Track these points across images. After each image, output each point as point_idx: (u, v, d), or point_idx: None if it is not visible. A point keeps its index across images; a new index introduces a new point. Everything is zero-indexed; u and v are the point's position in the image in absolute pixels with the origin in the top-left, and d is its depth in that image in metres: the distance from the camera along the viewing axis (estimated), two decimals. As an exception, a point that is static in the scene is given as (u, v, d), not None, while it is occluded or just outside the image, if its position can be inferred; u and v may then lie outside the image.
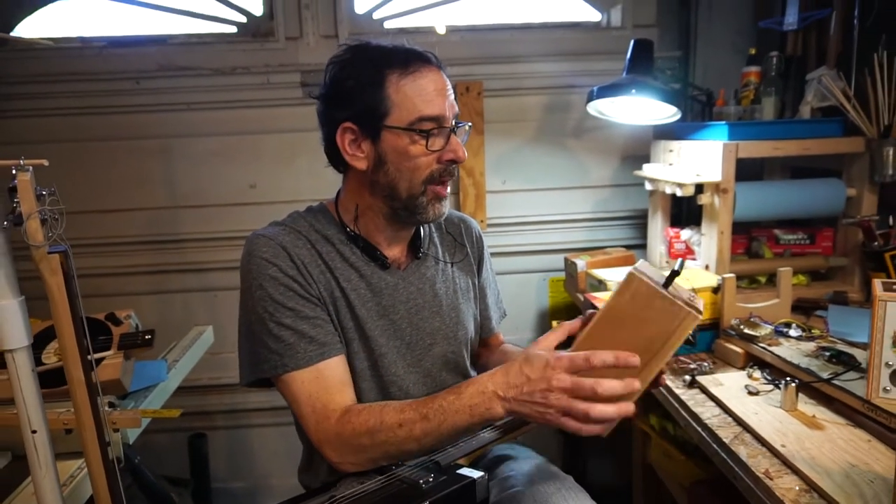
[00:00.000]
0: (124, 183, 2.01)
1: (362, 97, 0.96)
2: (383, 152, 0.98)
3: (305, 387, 0.96)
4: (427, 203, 1.01)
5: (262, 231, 1.04)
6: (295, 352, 0.96)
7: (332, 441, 0.94)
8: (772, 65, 1.72)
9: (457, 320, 1.13)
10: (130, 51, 1.95)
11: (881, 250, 1.47)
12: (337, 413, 0.94)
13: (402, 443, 0.90)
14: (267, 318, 0.97)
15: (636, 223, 2.15)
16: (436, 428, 0.89)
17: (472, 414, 0.87)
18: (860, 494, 0.83)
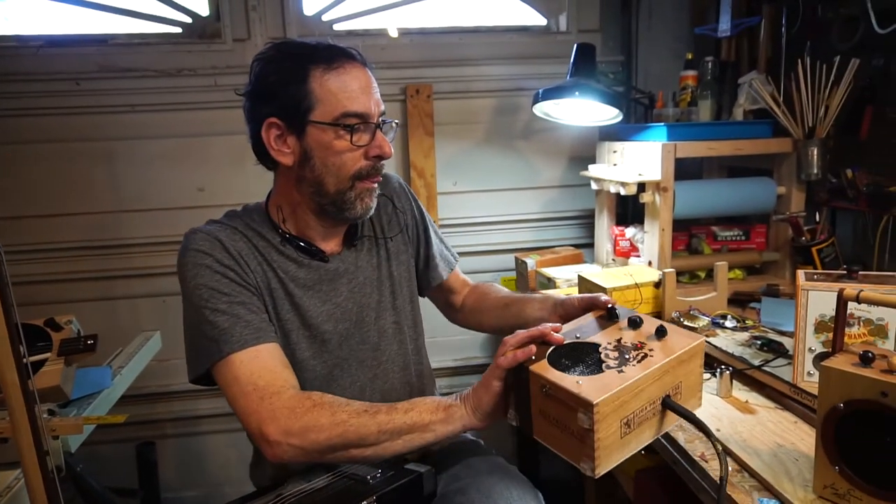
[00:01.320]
0: (65, 187, 1.95)
1: (286, 92, 0.97)
2: (309, 147, 0.99)
3: (245, 366, 0.93)
4: (355, 198, 1.03)
5: (197, 227, 1.05)
6: (231, 335, 0.94)
7: (280, 418, 0.89)
8: (707, 69, 1.80)
9: (392, 289, 1.16)
10: (69, 51, 1.89)
11: (808, 245, 1.55)
12: (289, 389, 0.92)
13: (362, 426, 0.88)
14: (202, 307, 0.96)
15: (583, 223, 2.20)
16: (401, 416, 0.89)
17: (438, 406, 0.90)
18: (786, 472, 0.88)
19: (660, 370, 0.83)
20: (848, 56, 1.48)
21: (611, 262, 1.90)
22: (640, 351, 0.86)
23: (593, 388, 0.77)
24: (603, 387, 0.77)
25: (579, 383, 0.79)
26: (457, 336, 2.21)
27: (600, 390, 0.76)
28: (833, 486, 0.79)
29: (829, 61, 1.50)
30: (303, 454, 0.89)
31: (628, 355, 0.85)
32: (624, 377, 0.80)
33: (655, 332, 0.89)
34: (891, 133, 1.44)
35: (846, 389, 0.76)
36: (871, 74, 1.47)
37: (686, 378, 0.88)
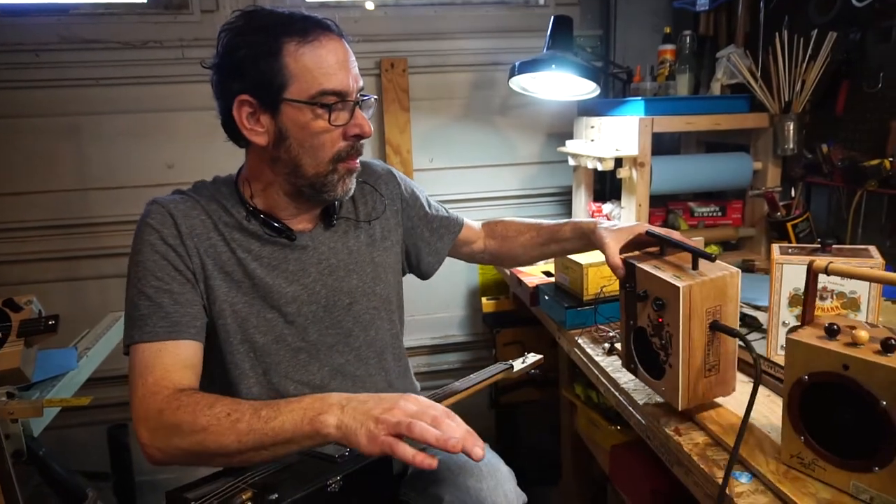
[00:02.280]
0: (27, 164, 1.88)
1: (258, 68, 0.91)
2: (284, 127, 0.93)
3: (143, 358, 0.89)
4: (337, 181, 0.98)
5: (158, 197, 1.00)
6: (144, 324, 0.90)
7: (150, 419, 0.83)
8: (685, 43, 1.78)
9: (374, 275, 1.11)
10: (28, 20, 1.81)
11: (784, 220, 1.56)
12: (168, 390, 0.86)
13: (222, 434, 0.80)
14: (133, 285, 0.93)
15: (562, 199, 2.19)
16: (262, 425, 0.79)
17: (304, 417, 0.78)
18: (758, 444, 0.89)
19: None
20: (825, 29, 1.47)
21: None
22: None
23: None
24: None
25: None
26: (435, 314, 2.20)
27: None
28: (799, 455, 0.80)
29: (807, 35, 1.49)
30: (168, 459, 0.84)
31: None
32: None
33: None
34: (866, 108, 1.45)
35: (810, 361, 0.76)
36: (848, 48, 1.46)
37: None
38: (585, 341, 1.37)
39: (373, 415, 0.76)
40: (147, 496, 2.12)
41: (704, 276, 0.90)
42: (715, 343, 0.93)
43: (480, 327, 2.23)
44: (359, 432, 0.75)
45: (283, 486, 0.82)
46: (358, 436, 0.75)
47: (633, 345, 1.02)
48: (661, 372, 0.96)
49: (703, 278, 0.89)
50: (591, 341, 1.36)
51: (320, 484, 0.83)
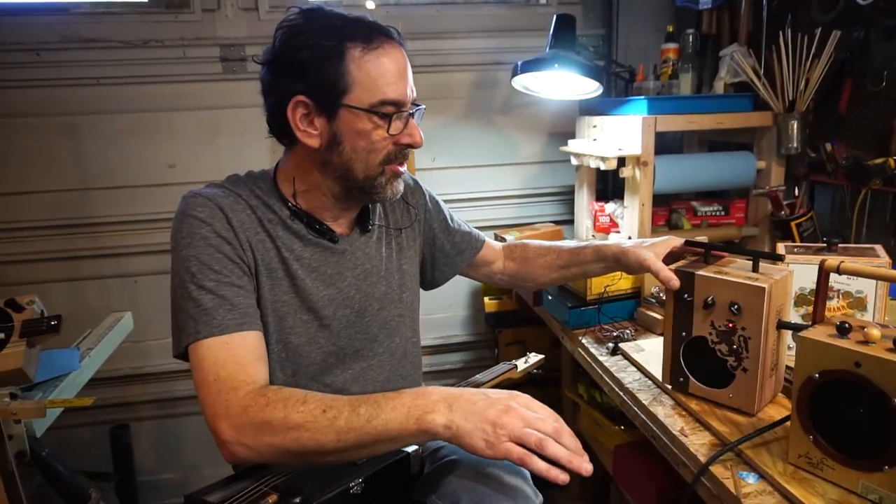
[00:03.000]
0: (26, 163, 1.87)
1: (320, 70, 0.90)
2: (339, 131, 0.93)
3: (212, 353, 0.86)
4: (385, 183, 0.98)
5: (199, 190, 0.96)
6: (211, 318, 0.87)
7: (232, 415, 0.81)
8: (688, 42, 1.77)
9: (401, 283, 1.12)
10: (29, 20, 1.80)
11: (787, 219, 1.55)
12: (248, 385, 0.84)
13: (319, 431, 0.79)
14: (188, 281, 0.89)
15: (564, 199, 2.18)
16: (364, 424, 0.79)
17: (409, 416, 0.78)
18: (764, 443, 0.88)
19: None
20: (829, 28, 1.46)
21: (591, 238, 1.89)
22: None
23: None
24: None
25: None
26: (437, 314, 2.19)
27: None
28: (807, 454, 0.79)
29: (811, 33, 1.48)
30: (257, 456, 0.82)
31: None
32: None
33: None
34: (870, 106, 1.44)
35: (821, 360, 0.76)
36: (852, 47, 1.46)
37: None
38: (589, 341, 1.37)
39: (488, 417, 0.76)
40: (149, 496, 2.12)
41: (773, 277, 0.91)
42: (777, 343, 0.95)
43: (483, 327, 2.23)
44: (474, 435, 0.76)
45: (305, 489, 0.81)
46: (473, 439, 0.76)
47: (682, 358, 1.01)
48: (728, 379, 0.96)
49: (774, 278, 0.91)
50: (595, 341, 1.36)
51: (344, 487, 0.83)
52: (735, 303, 0.91)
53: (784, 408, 0.97)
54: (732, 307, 0.92)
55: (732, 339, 0.93)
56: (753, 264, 0.94)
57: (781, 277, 0.92)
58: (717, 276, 0.94)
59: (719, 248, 1.03)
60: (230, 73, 1.93)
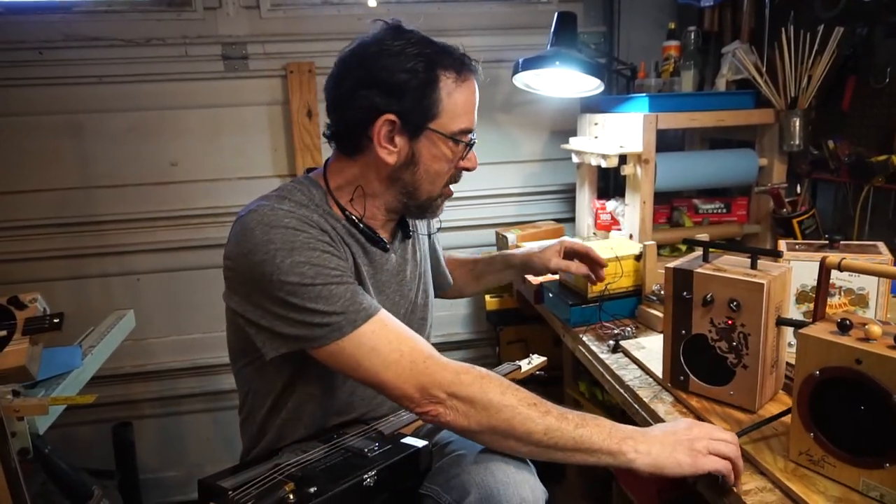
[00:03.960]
0: (30, 161, 1.87)
1: (415, 94, 0.94)
2: (418, 152, 0.98)
3: (381, 335, 0.88)
4: (440, 203, 1.07)
5: (266, 204, 0.94)
6: (359, 304, 0.89)
7: (444, 381, 0.85)
8: (690, 39, 1.77)
9: (424, 287, 1.18)
10: (31, 18, 1.81)
11: (789, 216, 1.55)
12: (438, 354, 0.89)
13: (531, 419, 0.84)
14: (310, 284, 0.88)
15: (565, 197, 2.18)
16: (571, 429, 0.83)
17: (611, 435, 0.84)
18: (764, 440, 0.88)
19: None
20: (832, 24, 1.46)
21: (592, 236, 1.89)
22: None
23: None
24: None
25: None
26: (439, 312, 2.18)
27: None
28: (808, 452, 0.79)
29: (813, 30, 1.48)
30: (465, 421, 0.86)
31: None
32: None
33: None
34: (873, 103, 1.44)
35: (823, 357, 0.76)
36: (855, 43, 1.45)
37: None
38: (590, 339, 1.36)
39: (681, 440, 0.84)
40: (151, 494, 2.13)
41: (772, 273, 0.91)
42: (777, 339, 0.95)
43: (484, 325, 2.23)
44: (676, 456, 0.82)
45: (319, 479, 0.82)
46: (677, 458, 0.82)
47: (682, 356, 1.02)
48: (729, 376, 0.96)
49: (772, 275, 0.91)
50: (596, 338, 1.36)
51: (357, 478, 0.83)
52: (734, 299, 0.91)
53: (785, 405, 0.96)
54: (731, 304, 0.92)
55: (732, 336, 0.93)
56: (752, 261, 0.94)
57: (780, 274, 0.92)
58: (715, 272, 0.94)
59: (718, 246, 1.03)
60: (232, 71, 1.93)
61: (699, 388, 1.00)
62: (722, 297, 0.93)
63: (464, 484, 0.89)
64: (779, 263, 0.97)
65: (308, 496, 0.79)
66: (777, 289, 0.92)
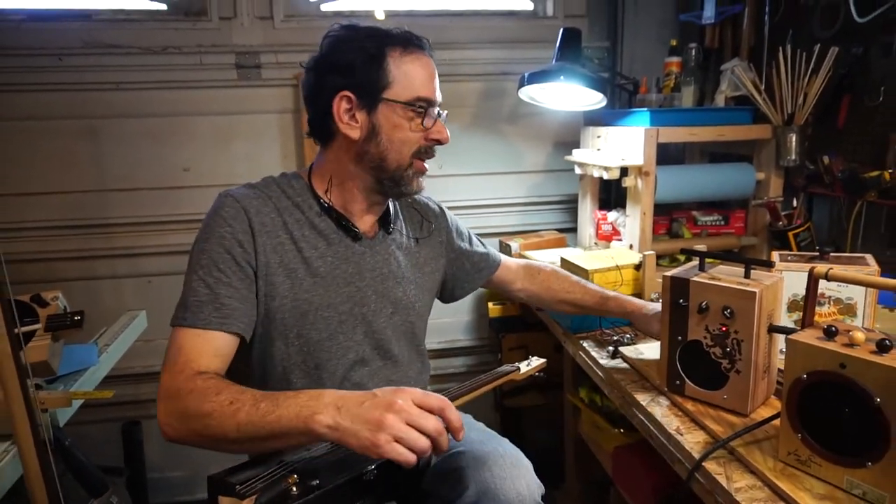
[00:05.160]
0: (47, 165, 1.93)
1: (364, 68, 1.02)
2: (378, 123, 1.04)
3: (184, 341, 0.94)
4: (412, 176, 1.08)
5: (233, 190, 1.06)
6: (199, 310, 0.95)
7: (170, 398, 0.89)
8: (691, 56, 1.82)
9: (415, 292, 1.18)
10: (52, 25, 1.87)
11: (785, 229, 1.59)
12: (192, 371, 0.91)
13: (224, 421, 0.83)
14: (196, 270, 0.99)
15: (567, 207, 2.23)
16: (260, 418, 0.82)
17: (299, 415, 0.80)
18: (755, 441, 0.92)
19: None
20: (828, 44, 1.51)
21: (593, 246, 1.93)
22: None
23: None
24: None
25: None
26: (441, 319, 2.23)
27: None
28: (796, 452, 0.83)
29: (810, 49, 1.53)
30: (182, 438, 0.88)
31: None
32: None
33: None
34: (867, 121, 1.48)
35: (810, 361, 0.80)
36: (850, 63, 1.50)
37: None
38: (590, 345, 1.41)
39: (373, 418, 0.77)
40: (157, 493, 2.16)
41: (764, 283, 0.96)
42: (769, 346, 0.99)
43: (486, 332, 2.27)
44: (359, 436, 0.77)
45: (321, 473, 0.86)
46: (359, 439, 0.77)
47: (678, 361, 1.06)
48: (723, 381, 1.00)
49: (765, 284, 0.95)
50: (596, 345, 1.40)
51: (358, 472, 0.87)
52: (728, 307, 0.96)
53: (776, 409, 1.00)
54: (725, 311, 0.96)
55: (726, 342, 0.97)
56: (745, 271, 0.99)
57: (772, 283, 0.96)
58: (710, 281, 0.99)
59: (715, 257, 1.07)
60: (245, 79, 1.98)
61: (694, 392, 1.05)
62: (716, 305, 0.98)
63: (463, 479, 0.94)
64: (771, 273, 1.01)
65: (310, 488, 0.83)
66: (769, 297, 0.96)
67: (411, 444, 0.77)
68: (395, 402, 0.78)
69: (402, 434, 0.76)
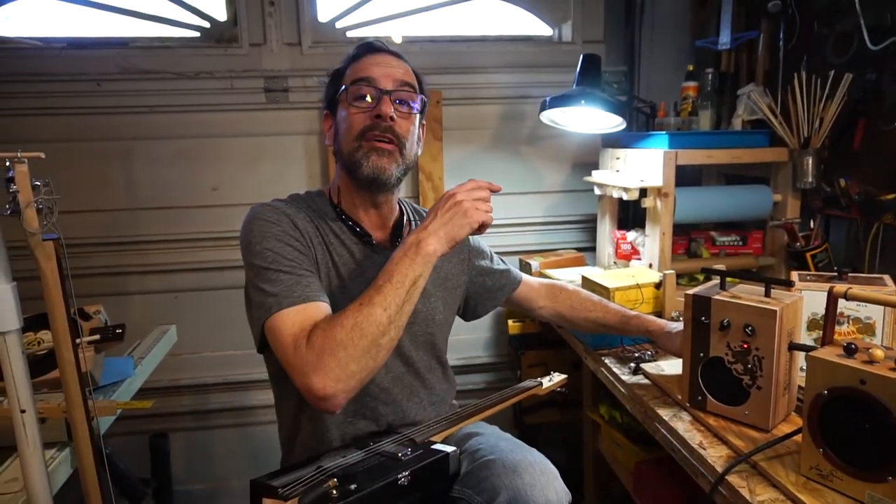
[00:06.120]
0: (84, 184, 2.00)
1: (332, 83, 1.18)
2: (337, 122, 1.15)
3: (290, 318, 0.97)
4: (363, 156, 1.10)
5: (263, 203, 1.13)
6: (292, 291, 0.99)
7: (312, 363, 0.91)
8: (707, 80, 1.87)
9: (435, 305, 1.22)
10: (91, 53, 1.95)
11: (803, 250, 1.62)
12: (311, 329, 0.95)
13: (371, 315, 0.93)
14: (266, 268, 1.02)
15: (586, 227, 2.27)
16: (391, 286, 0.96)
17: (412, 257, 0.98)
18: (778, 456, 0.95)
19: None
20: (842, 70, 1.55)
21: (612, 265, 1.97)
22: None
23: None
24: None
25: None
26: (461, 335, 2.26)
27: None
28: (818, 467, 0.86)
29: (824, 75, 1.57)
30: (350, 381, 0.92)
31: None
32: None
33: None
34: (882, 144, 1.51)
35: (830, 377, 0.83)
36: (865, 88, 1.54)
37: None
38: (612, 361, 1.44)
39: (453, 211, 1.01)
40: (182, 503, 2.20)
41: (784, 301, 0.99)
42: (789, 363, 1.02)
43: (505, 349, 2.30)
44: (453, 223, 1.00)
45: (358, 478, 0.90)
46: (455, 222, 1.01)
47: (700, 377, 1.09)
48: (744, 397, 1.03)
49: (785, 302, 0.98)
50: (617, 361, 1.43)
51: (393, 477, 0.91)
52: (749, 325, 0.99)
53: (797, 425, 1.03)
54: (747, 329, 0.99)
55: (747, 359, 1.00)
56: (766, 289, 1.02)
57: (792, 302, 0.99)
58: (732, 300, 1.02)
59: (734, 275, 1.11)
60: (273, 102, 2.06)
61: (716, 408, 1.07)
62: (738, 323, 1.01)
63: (494, 486, 0.97)
64: (791, 292, 1.04)
65: (349, 492, 0.87)
66: (789, 316, 0.99)
67: (482, 206, 1.04)
68: (454, 195, 1.03)
69: (474, 205, 1.02)
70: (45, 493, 0.78)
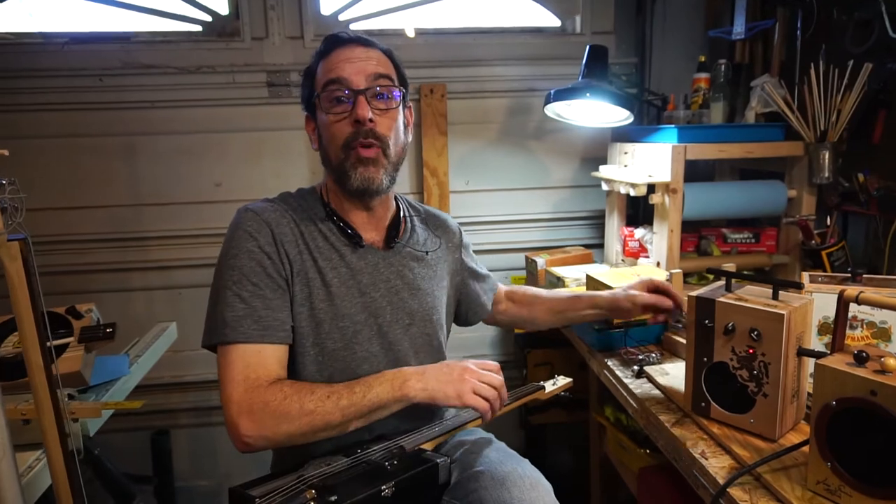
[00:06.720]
0: (86, 180, 1.99)
1: (305, 84, 1.12)
2: (320, 127, 1.10)
3: (244, 357, 0.97)
4: (349, 168, 1.05)
5: (251, 205, 1.09)
6: (238, 325, 0.98)
7: (256, 411, 0.93)
8: (720, 72, 1.80)
9: (432, 305, 1.18)
10: (93, 47, 1.94)
11: (818, 248, 1.55)
12: (268, 383, 0.96)
13: (328, 413, 0.94)
14: (230, 285, 1.00)
15: (594, 223, 2.22)
16: (360, 399, 0.95)
17: (392, 387, 0.97)
18: (784, 469, 0.90)
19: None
20: (861, 60, 1.48)
21: (620, 263, 1.91)
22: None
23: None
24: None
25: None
26: (466, 333, 2.23)
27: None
28: (825, 481, 0.81)
29: (843, 65, 1.50)
30: (274, 444, 0.95)
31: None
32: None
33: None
34: (903, 137, 1.44)
35: (839, 387, 0.78)
36: (885, 78, 1.47)
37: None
38: (615, 363, 1.39)
39: (454, 378, 1.00)
40: (185, 501, 2.19)
41: (793, 304, 0.94)
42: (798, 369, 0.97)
43: (511, 347, 2.26)
44: (446, 391, 0.98)
45: (339, 489, 0.86)
46: (446, 394, 0.98)
47: (704, 383, 1.04)
48: (749, 404, 0.98)
49: (793, 305, 0.93)
50: (621, 363, 1.38)
51: (376, 489, 0.88)
52: (755, 329, 0.94)
53: (806, 435, 0.98)
54: (752, 333, 0.94)
55: (753, 364, 0.95)
56: (773, 291, 0.97)
57: (801, 305, 0.94)
58: (736, 302, 0.97)
59: (741, 276, 1.05)
60: (276, 97, 2.03)
61: (720, 415, 1.02)
62: (743, 327, 0.96)
63: (481, 499, 0.93)
64: (801, 295, 0.99)
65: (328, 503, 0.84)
66: (798, 320, 0.94)
67: (485, 394, 1.00)
68: (467, 366, 1.02)
69: (478, 388, 0.99)
70: (17, 498, 0.76)
